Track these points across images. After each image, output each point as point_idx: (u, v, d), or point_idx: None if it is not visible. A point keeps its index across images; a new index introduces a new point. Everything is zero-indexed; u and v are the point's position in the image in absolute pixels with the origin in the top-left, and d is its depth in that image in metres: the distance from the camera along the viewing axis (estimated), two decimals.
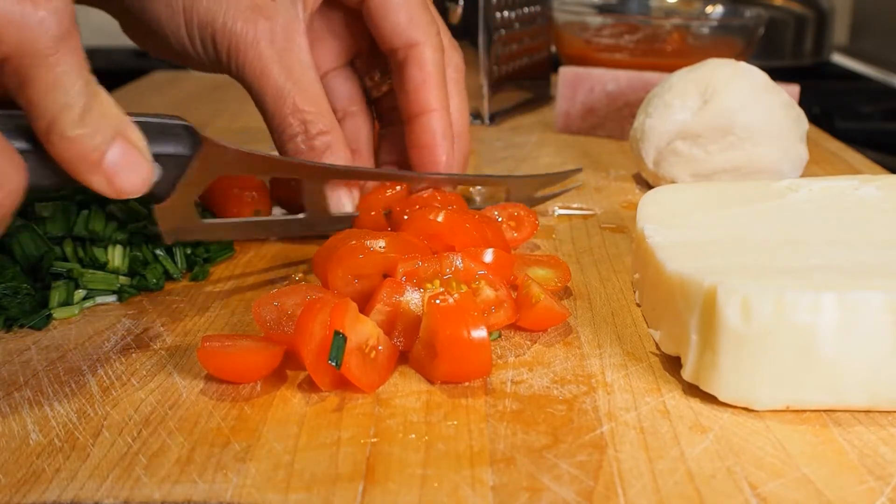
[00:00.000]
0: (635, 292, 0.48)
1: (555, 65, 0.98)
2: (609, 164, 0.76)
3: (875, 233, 0.43)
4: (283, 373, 0.40)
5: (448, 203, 0.54)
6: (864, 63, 1.44)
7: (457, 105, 0.58)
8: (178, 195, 0.44)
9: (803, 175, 0.65)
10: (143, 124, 0.38)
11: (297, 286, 0.43)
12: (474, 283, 0.43)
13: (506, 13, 0.87)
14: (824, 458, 0.34)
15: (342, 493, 0.31)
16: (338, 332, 0.37)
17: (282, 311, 0.41)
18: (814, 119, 0.88)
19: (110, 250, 0.49)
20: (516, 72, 0.92)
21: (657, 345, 0.42)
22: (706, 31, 0.98)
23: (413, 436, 0.35)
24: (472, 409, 0.37)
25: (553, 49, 1.01)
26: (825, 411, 0.37)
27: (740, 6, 1.08)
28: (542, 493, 0.31)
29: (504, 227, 0.54)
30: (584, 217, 0.62)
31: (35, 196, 0.50)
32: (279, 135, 0.53)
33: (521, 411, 0.37)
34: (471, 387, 0.39)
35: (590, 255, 0.55)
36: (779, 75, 0.69)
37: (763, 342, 0.35)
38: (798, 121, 0.64)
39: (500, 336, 0.43)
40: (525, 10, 0.91)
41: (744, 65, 0.65)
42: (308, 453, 0.34)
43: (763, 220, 0.45)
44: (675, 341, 0.40)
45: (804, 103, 0.72)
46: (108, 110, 0.35)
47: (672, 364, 0.41)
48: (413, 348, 0.40)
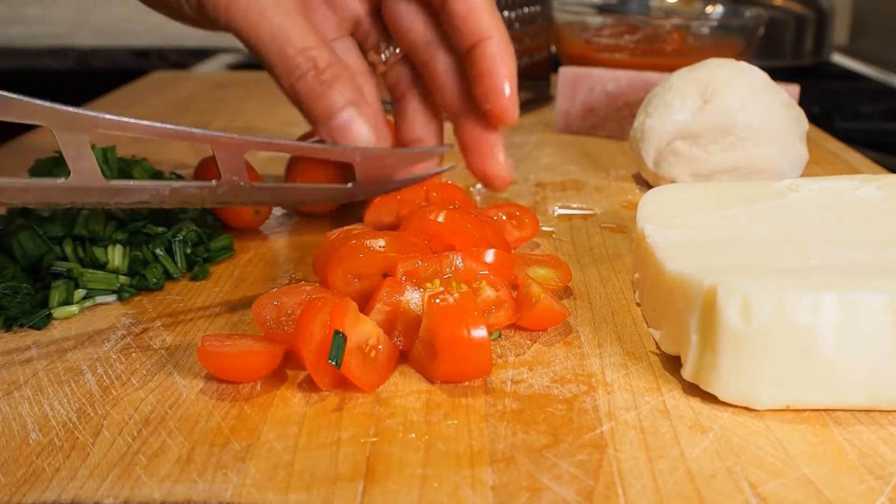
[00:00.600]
0: (635, 292, 0.48)
1: (555, 65, 0.98)
2: (609, 164, 0.76)
3: (875, 233, 0.43)
4: (283, 373, 0.40)
5: (452, 201, 0.54)
6: (864, 63, 1.45)
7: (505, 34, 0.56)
8: None
9: (803, 175, 0.65)
10: None
11: (297, 286, 0.43)
12: (475, 282, 0.43)
13: (506, 13, 0.87)
14: (824, 458, 0.34)
15: (342, 492, 0.31)
16: (338, 332, 0.37)
17: (282, 311, 0.41)
18: (814, 119, 0.88)
19: (110, 250, 0.49)
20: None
21: (657, 344, 0.42)
22: (706, 31, 0.98)
23: (413, 435, 0.35)
24: (472, 409, 0.37)
25: (553, 49, 1.01)
26: (825, 411, 0.37)
27: (740, 6, 1.08)
28: (542, 493, 0.31)
29: (506, 227, 0.54)
30: (584, 217, 0.62)
31: None
32: (287, 77, 0.51)
33: (521, 411, 0.37)
34: (471, 386, 0.39)
35: (590, 255, 0.55)
36: (779, 75, 0.69)
37: (763, 342, 0.35)
38: (798, 121, 0.64)
39: (500, 336, 0.43)
40: (525, 10, 0.91)
41: (744, 65, 0.65)
42: (308, 453, 0.34)
43: (763, 220, 0.45)
44: (675, 341, 0.40)
45: (804, 103, 0.72)
46: None
47: (672, 364, 0.41)
48: (413, 348, 0.40)
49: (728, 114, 0.62)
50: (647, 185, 0.69)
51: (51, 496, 0.31)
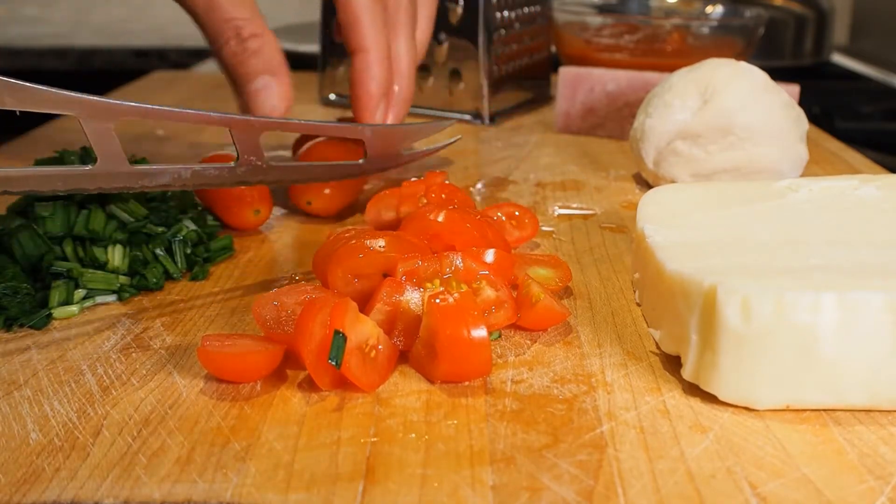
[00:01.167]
0: (635, 292, 0.48)
1: (555, 65, 0.98)
2: (609, 164, 0.76)
3: (875, 233, 0.43)
4: (283, 373, 0.40)
5: (451, 201, 0.54)
6: (864, 63, 1.44)
7: (402, 46, 0.61)
8: None
9: (803, 175, 0.65)
10: None
11: (297, 286, 0.43)
12: (475, 282, 0.43)
13: (506, 13, 0.87)
14: (824, 458, 0.34)
15: (342, 492, 0.31)
16: (338, 332, 0.37)
17: (282, 311, 0.41)
18: (814, 119, 0.87)
19: (110, 250, 0.49)
20: (516, 72, 0.92)
21: (657, 344, 0.42)
22: (706, 31, 0.98)
23: (413, 435, 0.35)
24: (472, 409, 0.37)
25: (553, 49, 1.01)
26: (825, 411, 0.37)
27: (740, 6, 1.08)
28: (542, 493, 0.31)
29: (506, 227, 0.54)
30: (584, 217, 0.62)
31: (35, 196, 0.50)
32: (213, 43, 0.56)
33: (521, 411, 0.37)
34: (471, 386, 0.39)
35: (590, 255, 0.55)
36: (779, 75, 0.69)
37: (763, 342, 0.35)
38: (798, 121, 0.64)
39: (500, 336, 0.43)
40: (525, 10, 0.91)
41: (744, 65, 0.65)
42: (308, 453, 0.34)
43: (763, 220, 0.45)
44: (675, 341, 0.40)
45: (804, 103, 0.72)
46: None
47: (672, 363, 0.41)
48: (413, 348, 0.40)
49: (728, 114, 0.62)
50: (647, 185, 0.69)
51: (51, 496, 0.31)
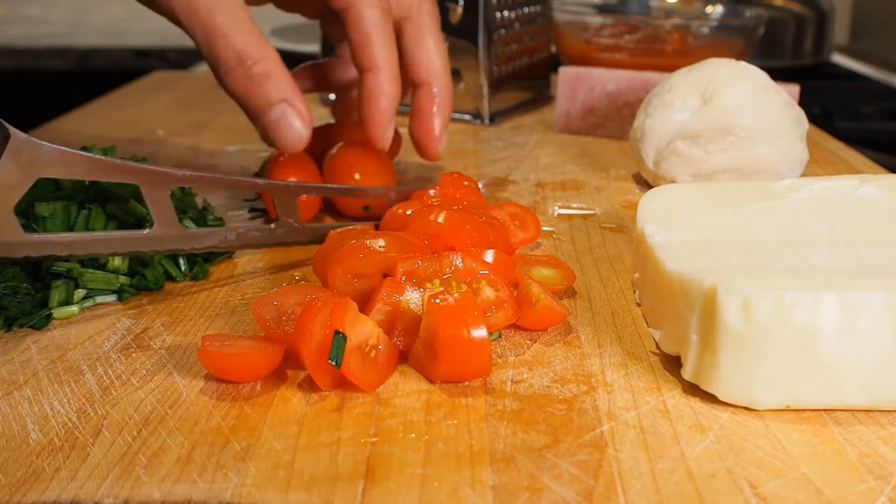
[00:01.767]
0: (635, 292, 0.48)
1: (555, 65, 0.98)
2: (609, 164, 0.76)
3: (875, 233, 0.43)
4: (283, 373, 0.40)
5: (461, 201, 0.53)
6: (864, 63, 1.44)
7: (432, 49, 0.59)
8: None
9: (803, 175, 0.65)
10: None
11: (297, 286, 0.43)
12: (475, 283, 0.43)
13: (506, 13, 0.87)
14: (824, 458, 0.34)
15: (342, 492, 0.31)
16: (338, 332, 0.37)
17: (282, 311, 0.41)
18: (814, 119, 0.87)
19: None
20: (516, 72, 0.92)
21: (657, 344, 0.42)
22: (706, 31, 0.98)
23: (413, 435, 0.35)
24: (472, 409, 0.37)
25: (553, 49, 1.01)
26: (825, 411, 0.37)
27: (740, 6, 1.08)
28: (542, 493, 0.31)
29: (509, 229, 0.54)
30: (584, 217, 0.62)
31: (35, 196, 0.50)
32: (216, 70, 0.52)
33: (521, 411, 0.37)
34: (471, 386, 0.39)
35: (590, 255, 0.55)
36: (779, 75, 0.69)
37: (763, 342, 0.35)
38: (798, 121, 0.64)
39: (500, 336, 0.43)
40: (525, 10, 0.91)
41: (744, 65, 0.65)
42: (308, 453, 0.34)
43: (763, 220, 0.45)
44: (675, 341, 0.40)
45: (804, 103, 0.72)
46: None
47: (672, 363, 0.41)
48: (413, 348, 0.40)
49: (728, 114, 0.62)
50: (647, 185, 0.69)
51: (51, 496, 0.31)
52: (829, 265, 0.39)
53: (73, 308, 0.46)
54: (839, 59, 1.47)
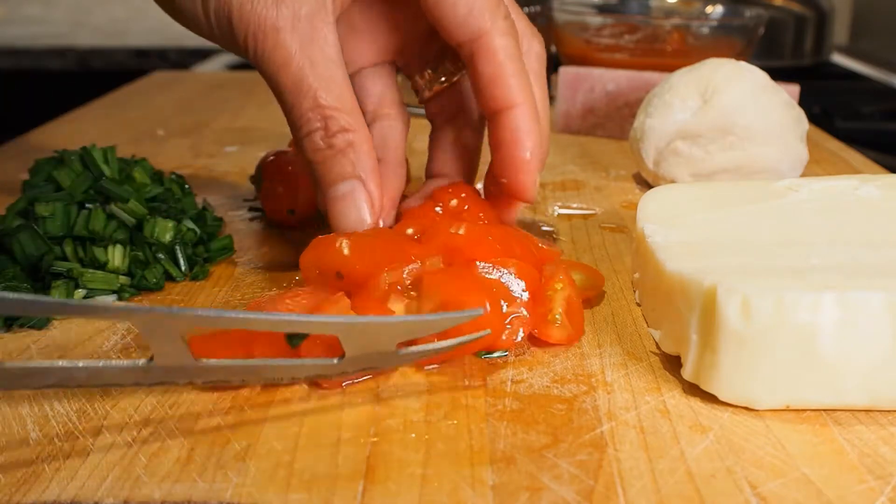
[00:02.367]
0: (635, 292, 0.48)
1: (555, 65, 0.98)
2: (609, 164, 0.76)
3: (875, 233, 0.43)
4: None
5: (479, 212, 0.50)
6: (864, 63, 1.44)
7: (539, 98, 0.51)
8: None
9: (803, 175, 0.65)
10: None
11: (291, 291, 0.42)
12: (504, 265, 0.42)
13: None
14: (824, 458, 0.34)
15: (342, 492, 0.31)
16: None
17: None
18: (814, 119, 0.87)
19: (110, 250, 0.49)
20: None
21: (657, 344, 0.42)
22: (706, 31, 0.98)
23: (413, 435, 0.35)
24: (472, 409, 0.37)
25: (553, 49, 1.01)
26: (825, 411, 0.37)
27: (740, 6, 1.08)
28: (542, 493, 0.31)
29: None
30: (584, 217, 0.62)
31: (35, 196, 0.50)
32: (297, 130, 0.47)
33: (521, 411, 0.37)
34: (471, 386, 0.39)
35: (590, 254, 0.55)
36: (779, 75, 0.69)
37: (763, 342, 0.35)
38: (798, 121, 0.64)
39: (506, 354, 0.42)
40: (525, 10, 0.91)
41: (744, 64, 0.65)
42: (308, 453, 0.34)
43: (763, 220, 0.45)
44: (675, 341, 0.40)
45: (804, 103, 0.72)
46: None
47: (672, 363, 0.41)
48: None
49: (728, 114, 0.62)
50: (647, 185, 0.69)
51: (51, 496, 0.31)
52: (829, 265, 0.39)
53: None
54: (839, 59, 1.47)
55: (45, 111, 1.03)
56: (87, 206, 0.50)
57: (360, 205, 0.46)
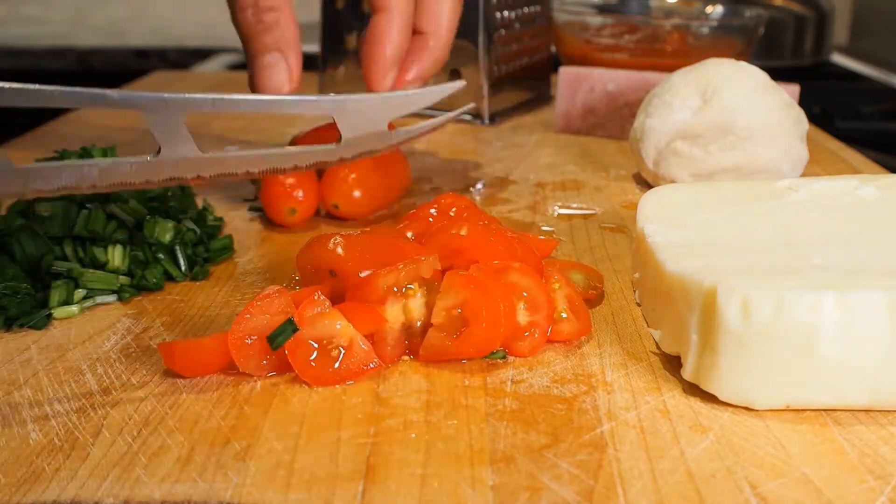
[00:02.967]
0: (635, 292, 0.48)
1: (555, 65, 0.98)
2: (609, 164, 0.76)
3: (875, 233, 0.43)
4: (283, 373, 0.40)
5: (479, 218, 0.50)
6: (864, 63, 1.44)
7: (444, 9, 0.58)
8: None
9: (803, 175, 0.65)
10: None
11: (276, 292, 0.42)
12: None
13: (506, 13, 0.87)
14: (824, 458, 0.34)
15: (342, 492, 0.31)
16: (290, 320, 0.38)
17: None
18: (814, 119, 0.87)
19: (110, 250, 0.49)
20: (516, 72, 0.92)
21: (657, 344, 0.42)
22: (706, 31, 0.98)
23: (413, 435, 0.35)
24: (472, 409, 0.37)
25: (553, 49, 1.01)
26: (825, 411, 0.37)
27: (740, 6, 1.08)
28: (542, 493, 0.31)
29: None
30: (584, 217, 0.62)
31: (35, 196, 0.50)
32: (231, 7, 0.54)
33: (521, 411, 0.37)
34: (471, 386, 0.39)
35: (590, 254, 0.55)
36: (779, 75, 0.69)
37: (763, 342, 0.35)
38: (798, 121, 0.64)
39: (505, 356, 0.42)
40: (525, 10, 0.91)
41: (744, 64, 0.65)
42: (308, 453, 0.34)
43: (763, 220, 0.45)
44: (675, 341, 0.40)
45: (804, 103, 0.72)
46: None
47: (672, 363, 0.41)
48: (426, 339, 0.40)
49: (728, 114, 0.62)
50: (647, 185, 0.69)
51: (51, 496, 0.31)
52: (829, 265, 0.39)
53: (73, 308, 0.46)
54: (839, 59, 1.47)
55: (45, 111, 1.03)
56: (87, 206, 0.50)
57: (281, 72, 0.53)
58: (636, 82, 0.81)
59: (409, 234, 0.47)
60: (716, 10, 1.07)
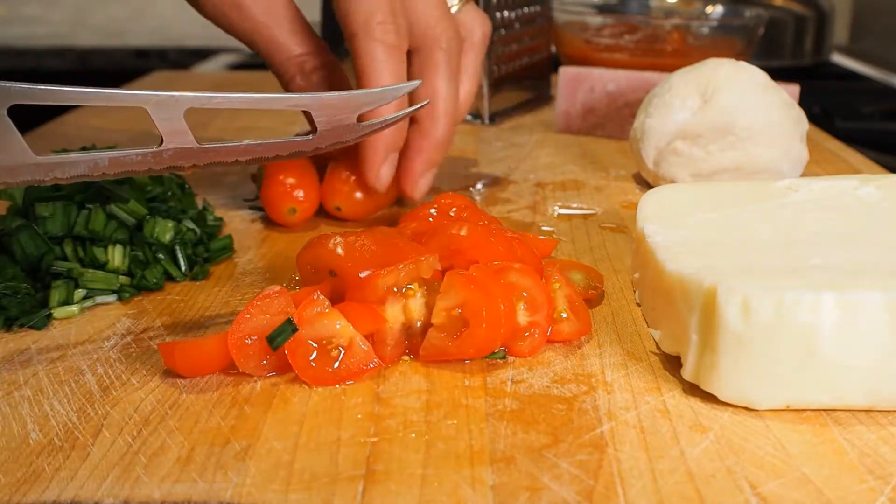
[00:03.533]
0: (635, 292, 0.48)
1: (555, 65, 0.98)
2: (609, 164, 0.76)
3: (875, 233, 0.43)
4: (283, 373, 0.40)
5: (478, 218, 0.50)
6: (864, 63, 1.45)
7: (441, 84, 0.56)
8: None
9: (803, 175, 0.65)
10: None
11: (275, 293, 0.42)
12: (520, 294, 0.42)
13: (506, 13, 0.87)
14: (824, 458, 0.34)
15: (342, 492, 0.31)
16: (290, 320, 0.38)
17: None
18: (814, 119, 0.87)
19: (110, 250, 0.49)
20: (516, 72, 0.92)
21: (657, 344, 0.42)
22: (706, 31, 0.98)
23: (413, 435, 0.35)
24: (472, 409, 0.37)
25: (553, 49, 1.01)
26: (825, 411, 0.37)
27: (740, 6, 1.08)
28: (542, 493, 0.31)
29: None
30: (584, 217, 0.62)
31: (35, 196, 0.50)
32: (280, 78, 0.58)
33: (521, 411, 0.37)
34: (471, 386, 0.39)
35: (590, 254, 0.55)
36: (779, 75, 0.69)
37: (763, 342, 0.35)
38: (798, 121, 0.64)
39: (504, 356, 0.42)
40: (525, 10, 0.91)
41: (744, 64, 0.65)
42: (308, 453, 0.34)
43: (763, 220, 0.45)
44: (675, 341, 0.40)
45: (804, 103, 0.72)
46: None
47: (672, 363, 0.41)
48: (426, 340, 0.40)
49: (728, 113, 0.62)
50: (647, 185, 0.69)
51: (51, 496, 0.31)
52: (829, 265, 0.39)
53: (73, 308, 0.46)
54: (839, 59, 1.47)
55: (45, 111, 1.03)
56: (87, 206, 0.50)
57: (381, 169, 0.55)
58: (636, 82, 0.81)
59: (409, 234, 0.47)
60: (716, 10, 1.07)
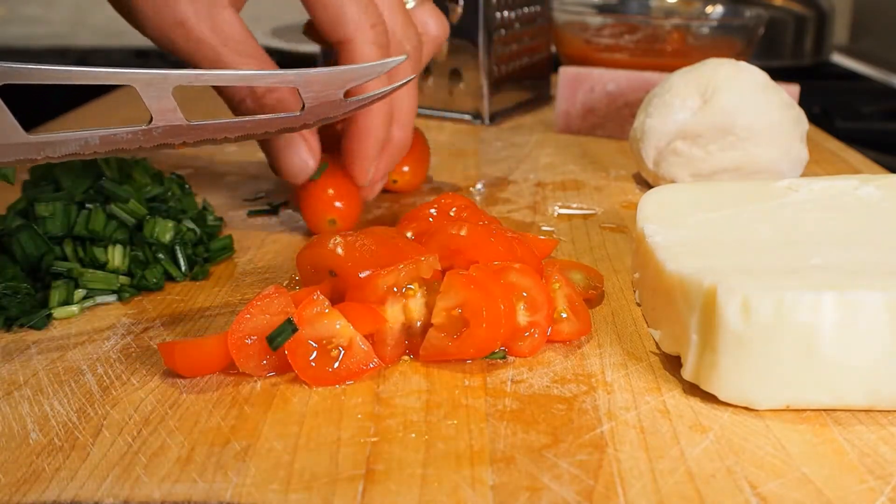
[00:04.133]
0: (635, 292, 0.48)
1: (555, 65, 0.98)
2: (609, 164, 0.76)
3: (875, 233, 0.43)
4: (283, 373, 0.40)
5: (476, 218, 0.50)
6: (864, 63, 1.44)
7: (405, 90, 0.56)
8: None
9: (803, 175, 0.65)
10: None
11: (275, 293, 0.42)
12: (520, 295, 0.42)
13: (506, 13, 0.87)
14: (824, 458, 0.34)
15: (342, 492, 0.31)
16: (290, 320, 0.38)
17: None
18: (814, 119, 0.87)
19: (110, 250, 0.49)
20: (516, 72, 0.92)
21: (657, 344, 0.42)
22: (706, 31, 0.98)
23: (413, 435, 0.35)
24: (472, 409, 0.37)
25: (553, 49, 1.01)
26: (825, 411, 0.37)
27: (740, 6, 1.08)
28: (542, 493, 0.31)
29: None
30: (584, 217, 0.62)
31: (35, 196, 0.50)
32: (228, 101, 0.54)
33: (521, 411, 0.37)
34: (471, 386, 0.39)
35: (590, 254, 0.55)
36: (779, 75, 0.69)
37: (763, 342, 0.35)
38: (798, 121, 0.64)
39: (504, 356, 0.42)
40: (525, 10, 0.91)
41: (744, 64, 0.65)
42: (308, 453, 0.34)
43: (763, 220, 0.45)
44: (675, 341, 0.40)
45: (804, 103, 0.72)
46: None
47: (672, 363, 0.41)
48: (426, 340, 0.40)
49: (728, 113, 0.62)
50: (647, 185, 0.69)
51: (51, 496, 0.31)
52: (829, 265, 0.39)
53: (73, 308, 0.46)
54: (839, 59, 1.47)
55: (45, 111, 1.03)
56: (87, 206, 0.50)
57: (301, 150, 0.54)
58: (636, 82, 0.81)
59: (409, 234, 0.47)
60: (716, 10, 1.07)
